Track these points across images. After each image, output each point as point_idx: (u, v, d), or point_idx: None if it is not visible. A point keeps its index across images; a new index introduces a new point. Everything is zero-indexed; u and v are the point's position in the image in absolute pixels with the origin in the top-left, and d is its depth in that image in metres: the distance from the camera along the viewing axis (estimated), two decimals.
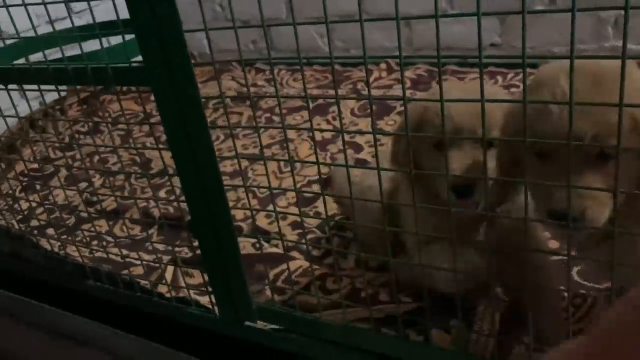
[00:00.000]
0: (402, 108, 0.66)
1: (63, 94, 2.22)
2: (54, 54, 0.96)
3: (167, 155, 0.86)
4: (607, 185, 0.62)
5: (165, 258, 1.29)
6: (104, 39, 0.83)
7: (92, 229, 1.15)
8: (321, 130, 1.70)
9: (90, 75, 0.83)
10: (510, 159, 0.75)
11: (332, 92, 2.09)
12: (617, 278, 0.65)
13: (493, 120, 0.82)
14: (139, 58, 0.78)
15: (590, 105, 0.58)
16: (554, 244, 1.15)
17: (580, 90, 0.58)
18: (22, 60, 0.98)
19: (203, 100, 0.74)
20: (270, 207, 0.91)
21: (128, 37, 0.85)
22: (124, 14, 0.77)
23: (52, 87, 0.90)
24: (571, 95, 0.54)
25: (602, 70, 0.62)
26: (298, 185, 1.57)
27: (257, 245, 1.29)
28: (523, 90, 0.59)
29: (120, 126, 2.10)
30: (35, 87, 0.91)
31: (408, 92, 1.69)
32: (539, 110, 0.63)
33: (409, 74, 2.02)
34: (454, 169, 0.78)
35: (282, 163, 1.68)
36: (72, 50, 0.99)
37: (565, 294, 0.92)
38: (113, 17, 0.80)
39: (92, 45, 0.95)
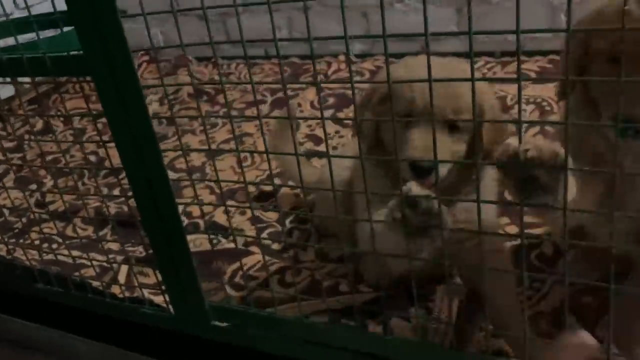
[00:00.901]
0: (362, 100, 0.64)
1: (9, 93, 2.13)
2: None
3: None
4: None
5: (120, 258, 1.25)
6: (54, 32, 0.79)
7: (43, 231, 1.11)
8: (271, 118, 1.67)
9: (27, 65, 0.79)
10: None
11: (295, 84, 2.07)
12: None
13: (463, 103, 0.80)
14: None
15: None
16: (512, 229, 1.15)
17: None
18: None
19: (157, 95, 0.71)
20: (227, 203, 0.89)
21: (69, 29, 0.81)
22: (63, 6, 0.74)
23: None
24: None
25: None
26: (257, 180, 1.54)
27: (215, 241, 1.26)
28: None
29: (73, 125, 2.04)
30: None
31: (366, 84, 1.68)
32: (619, 12, 0.61)
33: (367, 65, 2.01)
34: (414, 147, 0.77)
35: (241, 159, 1.65)
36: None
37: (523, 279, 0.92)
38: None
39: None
